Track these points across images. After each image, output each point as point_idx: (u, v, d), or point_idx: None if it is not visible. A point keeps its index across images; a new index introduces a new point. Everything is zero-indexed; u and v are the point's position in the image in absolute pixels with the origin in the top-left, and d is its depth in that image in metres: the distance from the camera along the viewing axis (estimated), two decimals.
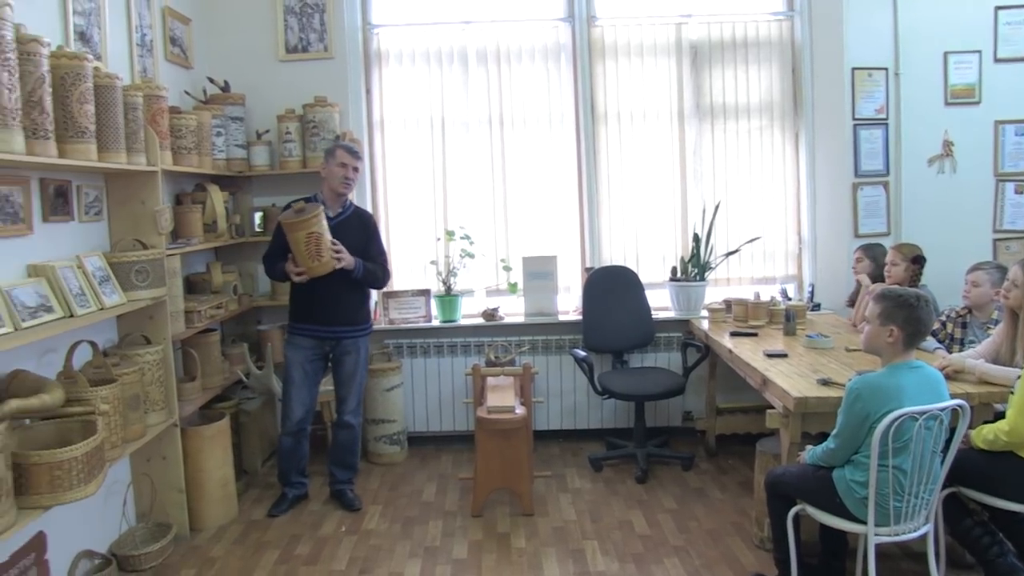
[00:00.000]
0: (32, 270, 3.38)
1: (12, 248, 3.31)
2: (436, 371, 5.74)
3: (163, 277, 4.03)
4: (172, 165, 4.39)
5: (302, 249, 4.31)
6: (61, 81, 3.24)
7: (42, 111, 3.06)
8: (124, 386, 3.62)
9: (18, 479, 2.87)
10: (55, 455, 2.92)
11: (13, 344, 2.89)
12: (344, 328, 4.62)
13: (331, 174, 4.56)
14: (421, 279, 5.91)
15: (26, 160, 2.96)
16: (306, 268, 4.35)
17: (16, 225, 3.32)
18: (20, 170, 3.31)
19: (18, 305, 3.09)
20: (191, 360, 4.61)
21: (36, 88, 3.03)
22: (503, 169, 5.87)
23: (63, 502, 2.95)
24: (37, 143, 3.03)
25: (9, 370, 3.20)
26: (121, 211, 4.10)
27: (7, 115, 2.81)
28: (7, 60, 2.80)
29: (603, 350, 5.50)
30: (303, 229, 4.27)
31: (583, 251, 5.89)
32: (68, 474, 2.95)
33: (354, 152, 4.59)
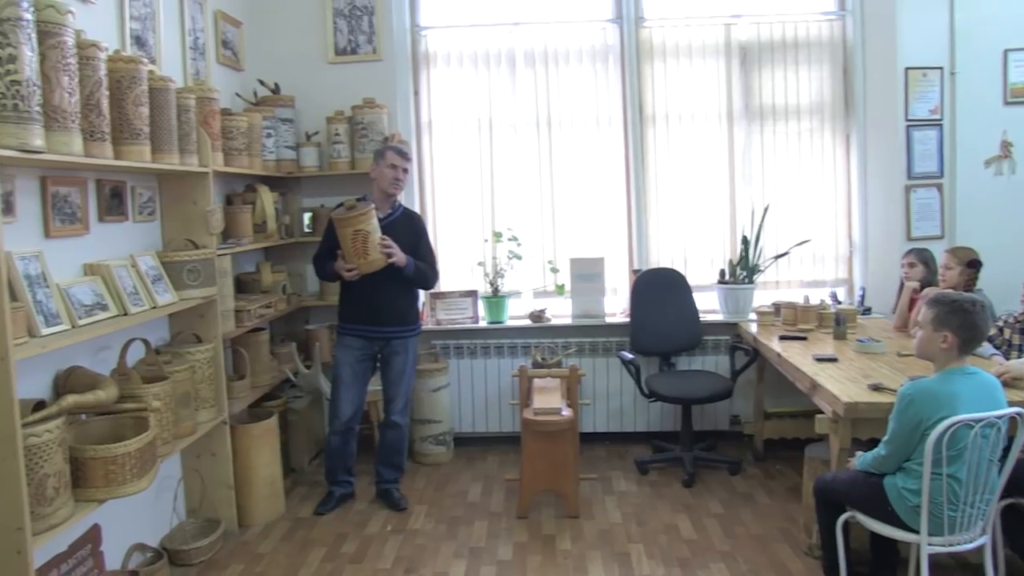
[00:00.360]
0: (88, 269, 3.45)
1: (70, 247, 3.38)
2: (483, 372, 5.75)
3: (214, 276, 4.09)
4: (223, 166, 4.46)
5: (350, 246, 4.35)
6: (117, 84, 3.30)
7: (99, 113, 3.12)
8: (175, 384, 3.68)
9: (75, 472, 2.94)
10: (110, 450, 2.99)
11: (70, 341, 2.96)
12: (394, 328, 4.65)
13: (381, 175, 4.60)
14: (468, 280, 5.92)
15: (84, 161, 3.02)
16: (356, 265, 4.39)
17: (74, 225, 3.40)
18: (78, 171, 3.39)
19: (75, 303, 3.16)
20: (240, 359, 4.68)
21: (94, 91, 3.09)
22: (551, 170, 5.87)
23: (117, 496, 3.02)
24: (94, 145, 3.10)
25: (66, 366, 3.27)
26: (173, 211, 4.17)
27: (67, 118, 2.87)
28: (68, 65, 2.87)
29: (650, 353, 5.47)
30: (353, 225, 4.31)
31: (631, 253, 5.86)
32: (122, 469, 3.01)
33: (404, 153, 4.62)
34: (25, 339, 2.78)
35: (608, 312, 5.76)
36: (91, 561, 3.47)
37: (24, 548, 2.61)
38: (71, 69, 2.89)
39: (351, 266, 4.40)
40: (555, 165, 5.86)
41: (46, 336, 2.90)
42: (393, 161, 4.58)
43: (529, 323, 5.74)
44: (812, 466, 3.95)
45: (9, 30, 2.54)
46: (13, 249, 2.91)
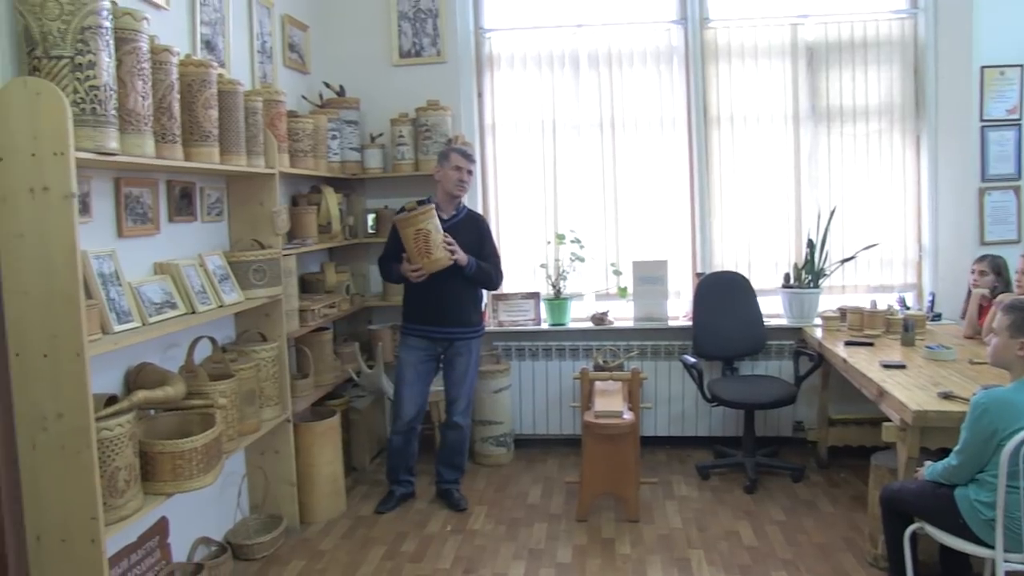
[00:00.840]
0: (158, 268, 3.54)
1: (141, 247, 3.48)
2: (544, 374, 5.75)
3: (279, 276, 4.15)
4: (289, 167, 4.52)
5: (413, 246, 4.39)
6: (188, 87, 3.38)
7: (170, 116, 3.20)
8: (241, 381, 3.74)
9: (144, 466, 3.02)
10: (177, 445, 3.06)
11: (141, 338, 3.03)
12: (457, 329, 4.68)
13: (445, 177, 4.63)
14: (531, 282, 5.93)
15: (156, 163, 3.10)
16: (421, 264, 4.41)
17: (145, 225, 3.49)
18: (150, 172, 3.48)
19: (145, 301, 3.24)
20: (304, 358, 4.74)
21: (166, 95, 3.17)
22: (614, 172, 5.85)
23: (184, 490, 3.09)
24: (165, 146, 3.18)
25: (136, 363, 3.36)
26: (240, 212, 4.24)
27: (140, 121, 2.95)
28: (142, 70, 2.95)
29: (713, 357, 5.42)
30: (414, 224, 4.35)
31: (694, 256, 5.82)
32: (189, 464, 3.08)
33: (468, 155, 4.65)
34: (99, 336, 2.86)
35: (671, 315, 5.72)
36: (158, 552, 3.56)
37: (98, 537, 2.69)
38: (145, 74, 2.98)
39: (416, 266, 4.44)
40: (618, 167, 5.84)
41: (118, 333, 2.98)
42: (457, 163, 4.61)
43: (591, 326, 5.73)
44: (878, 475, 3.87)
45: (89, 38, 2.63)
46: (88, 248, 2.99)
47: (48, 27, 2.59)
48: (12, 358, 2.65)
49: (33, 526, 2.72)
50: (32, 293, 2.61)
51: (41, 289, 2.61)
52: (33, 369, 2.64)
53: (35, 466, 2.68)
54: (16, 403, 2.66)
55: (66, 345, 2.62)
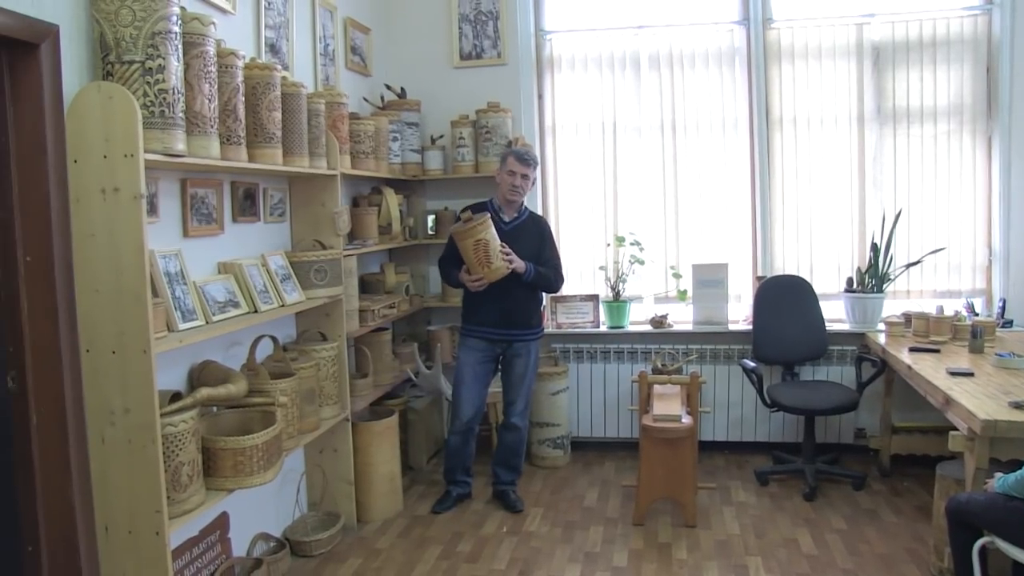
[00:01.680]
0: (222, 267, 3.62)
1: (206, 246, 3.55)
2: (602, 377, 5.75)
3: (340, 276, 4.21)
4: (351, 169, 4.58)
5: (472, 256, 4.41)
6: (252, 90, 3.45)
7: (235, 119, 3.27)
8: (301, 380, 3.80)
9: (206, 462, 3.09)
10: (239, 442, 3.12)
11: (204, 336, 3.11)
12: (516, 331, 4.70)
13: (502, 181, 4.66)
14: (590, 284, 5.93)
15: (221, 164, 3.17)
16: (482, 275, 4.42)
17: (210, 225, 3.57)
18: (215, 174, 3.56)
19: (209, 300, 3.31)
20: (363, 357, 4.80)
21: (231, 97, 3.24)
22: (674, 175, 5.82)
23: (245, 486, 3.15)
24: (230, 148, 3.25)
25: (200, 360, 3.44)
26: (302, 212, 4.31)
27: (206, 123, 3.02)
28: (209, 73, 3.03)
29: (773, 361, 5.36)
30: (472, 236, 4.36)
31: (755, 259, 5.76)
32: (250, 460, 3.14)
33: (525, 159, 4.64)
34: (164, 333, 2.93)
35: (731, 319, 5.67)
36: (219, 547, 3.64)
37: (162, 530, 2.77)
38: (211, 77, 3.05)
39: (477, 277, 4.45)
40: (679, 169, 5.81)
41: (183, 331, 3.06)
42: (512, 167, 4.62)
43: (650, 329, 5.71)
44: (944, 485, 3.79)
45: (159, 42, 2.71)
46: (156, 248, 3.07)
47: (121, 33, 2.68)
48: (83, 354, 2.74)
49: (102, 517, 2.81)
50: (102, 291, 2.70)
51: (110, 287, 2.69)
52: (102, 365, 2.73)
53: (104, 459, 2.77)
54: (86, 398, 2.75)
55: (133, 342, 2.70)
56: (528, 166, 4.64)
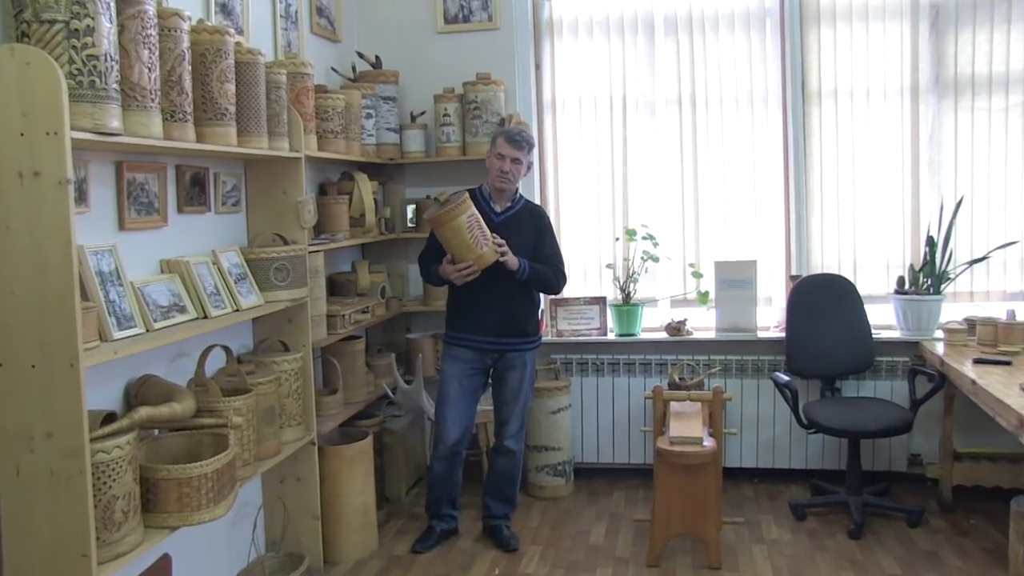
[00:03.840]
0: (165, 266, 3.58)
1: (146, 241, 3.51)
2: (610, 392, 5.73)
3: (304, 276, 4.18)
4: (317, 151, 4.53)
5: (455, 244, 4.34)
6: (201, 58, 3.40)
7: (181, 91, 3.22)
8: (259, 397, 3.76)
9: (145, 494, 3.04)
10: (184, 471, 3.07)
11: (145, 347, 3.06)
12: (510, 340, 4.66)
13: (490, 165, 4.61)
14: (596, 285, 5.91)
15: (164, 145, 3.13)
16: (471, 261, 4.35)
17: (151, 216, 3.52)
18: (157, 156, 3.52)
19: (150, 304, 3.27)
20: (332, 371, 4.77)
21: (175, 66, 3.20)
22: (694, 157, 5.79)
23: (191, 523, 3.10)
24: (175, 126, 3.20)
25: (139, 375, 3.40)
26: (260, 202, 4.28)
27: (146, 96, 2.97)
28: (148, 37, 2.98)
29: (810, 375, 5.35)
30: (450, 220, 4.31)
31: (788, 256, 5.74)
32: (197, 492, 3.09)
33: (515, 140, 4.57)
34: (96, 343, 2.88)
35: (760, 325, 5.65)
36: None
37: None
38: (151, 41, 3.00)
39: (465, 264, 4.37)
40: (700, 151, 5.79)
41: (119, 340, 3.01)
42: (501, 149, 4.56)
43: (666, 336, 5.69)
44: (1021, 523, 3.74)
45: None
46: (85, 242, 3.01)
47: None
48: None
49: (14, 564, 2.74)
50: (19, 294, 2.64)
51: (30, 289, 2.64)
52: (19, 381, 2.67)
53: (18, 494, 2.70)
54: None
55: (58, 354, 2.64)
56: (520, 148, 4.57)
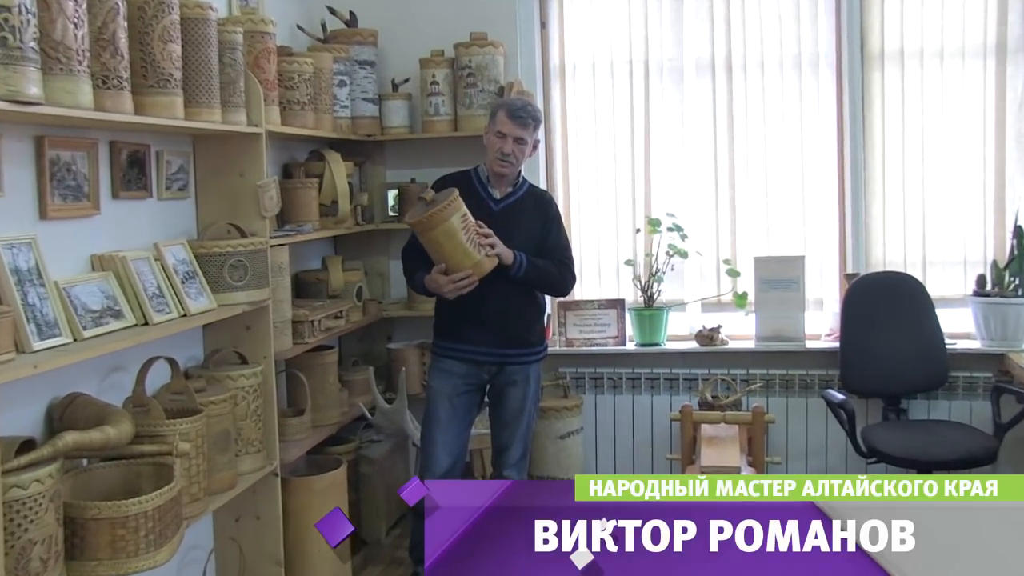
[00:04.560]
0: (98, 262, 3.52)
1: (73, 233, 3.46)
2: (629, 413, 5.73)
3: (266, 275, 4.13)
4: (280, 125, 4.50)
5: (445, 252, 4.22)
6: (139, 13, 3.35)
7: (115, 52, 3.17)
8: (211, 419, 3.70)
9: (71, 538, 2.97)
10: (119, 508, 3.01)
11: (72, 359, 3.02)
12: (511, 350, 4.59)
13: (489, 145, 4.53)
14: (612, 286, 5.91)
15: (94, 117, 3.08)
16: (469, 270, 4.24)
17: (79, 203, 3.47)
18: (86, 130, 3.47)
19: (79, 308, 3.22)
20: (299, 387, 4.74)
21: (108, 23, 3.14)
22: (730, 134, 5.77)
23: (127, 572, 3.03)
24: (108, 95, 3.14)
25: (65, 393, 3.35)
26: (212, 186, 4.24)
27: (71, 58, 2.92)
28: None
29: (870, 393, 5.35)
30: (437, 225, 4.18)
31: (843, 250, 5.73)
32: (135, 535, 3.03)
33: (519, 116, 4.47)
34: (11, 355, 2.83)
35: (809, 333, 5.65)
36: None
37: None
38: None
39: (463, 275, 4.25)
40: (736, 126, 5.76)
41: (40, 352, 2.96)
42: (502, 126, 4.45)
43: (696, 347, 5.68)
44: None
45: None
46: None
47: None
48: None
49: None
50: None
51: None
52: None
53: None
54: None
55: None
56: (524, 126, 4.47)
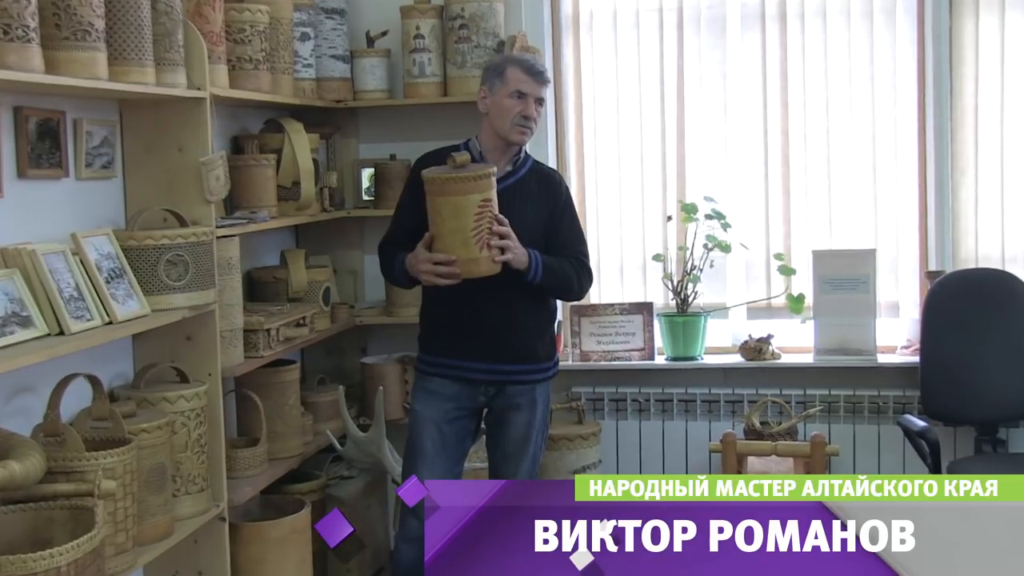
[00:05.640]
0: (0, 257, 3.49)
1: None
2: (658, 443, 5.74)
3: (211, 273, 4.12)
4: (228, 89, 4.50)
5: (448, 227, 4.23)
6: None
7: None
8: (142, 451, 3.69)
9: None
10: (25, 564, 2.97)
11: None
12: (513, 366, 4.58)
13: (499, 110, 4.47)
14: (637, 286, 5.91)
15: None
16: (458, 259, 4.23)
17: None
18: None
19: None
20: (252, 411, 4.72)
21: None
22: (783, 98, 5.77)
23: None
24: (11, 49, 3.12)
25: None
26: (144, 164, 4.22)
27: None
28: None
29: (959, 419, 5.33)
30: (458, 192, 4.18)
31: (924, 243, 5.72)
32: None
33: (539, 71, 4.49)
34: None
35: (881, 345, 5.64)
36: None
37: None
38: None
39: (445, 259, 4.25)
40: (791, 88, 5.76)
41: None
42: (520, 84, 4.43)
43: (741, 361, 5.70)
44: None
45: None
46: None
47: None
48: None
49: None
50: None
51: None
52: None
53: None
54: None
55: None
56: (544, 83, 4.51)
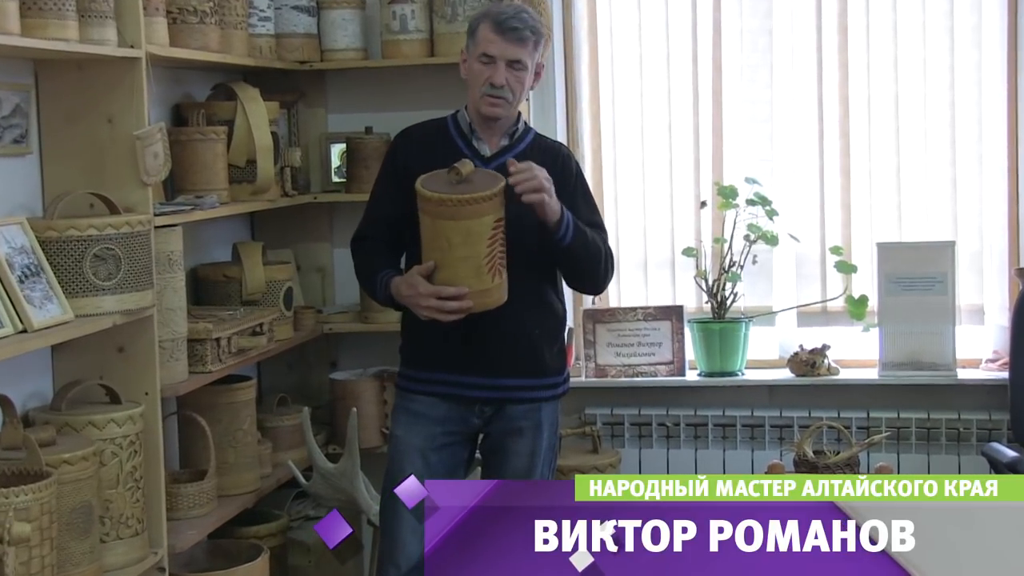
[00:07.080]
0: None
1: None
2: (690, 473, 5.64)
3: (148, 270, 4.12)
4: (169, 47, 4.49)
5: (457, 255, 4.19)
6: None
7: None
8: (63, 487, 3.68)
9: None
10: None
11: None
12: (514, 381, 4.57)
13: (471, 76, 4.45)
14: (665, 286, 5.93)
15: None
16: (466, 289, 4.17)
17: None
18: None
19: None
20: (198, 438, 4.73)
21: None
22: (841, 64, 5.78)
23: None
24: None
25: None
26: (66, 138, 4.22)
27: None
28: None
29: None
30: (470, 216, 4.14)
31: (1014, 236, 5.71)
32: None
33: (512, 28, 4.38)
34: None
35: (962, 358, 5.63)
36: None
37: None
38: None
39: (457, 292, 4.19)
40: (853, 53, 5.77)
41: None
42: (487, 47, 4.36)
43: (790, 377, 5.69)
44: None
45: None
46: None
47: None
48: None
49: None
50: None
51: None
52: None
53: None
54: None
55: None
56: (521, 41, 4.39)
